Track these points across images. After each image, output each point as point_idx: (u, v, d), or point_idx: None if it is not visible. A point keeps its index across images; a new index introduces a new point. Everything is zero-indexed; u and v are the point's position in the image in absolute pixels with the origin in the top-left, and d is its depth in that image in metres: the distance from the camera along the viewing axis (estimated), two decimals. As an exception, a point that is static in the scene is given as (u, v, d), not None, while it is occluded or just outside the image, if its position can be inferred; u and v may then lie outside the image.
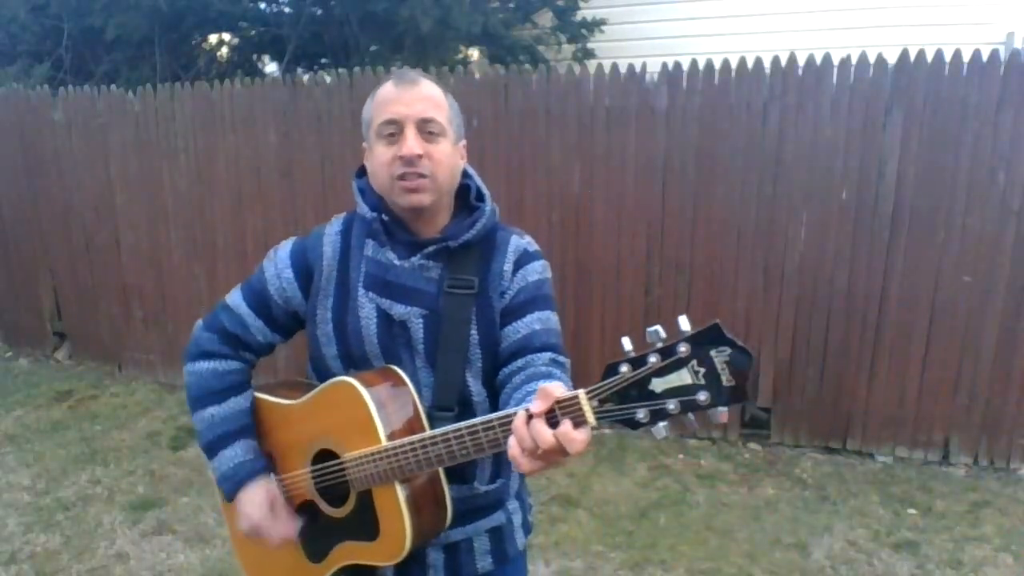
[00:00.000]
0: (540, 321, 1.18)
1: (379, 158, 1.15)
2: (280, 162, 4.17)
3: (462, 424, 1.00)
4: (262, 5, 5.97)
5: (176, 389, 4.57)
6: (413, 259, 1.17)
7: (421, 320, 1.17)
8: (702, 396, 0.81)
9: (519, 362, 1.15)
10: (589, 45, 5.59)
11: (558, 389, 0.88)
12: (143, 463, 3.62)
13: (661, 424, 0.84)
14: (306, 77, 4.29)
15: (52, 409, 4.30)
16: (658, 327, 0.82)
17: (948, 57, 3.17)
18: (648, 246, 3.69)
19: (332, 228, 1.26)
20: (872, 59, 3.25)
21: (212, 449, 1.26)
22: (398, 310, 1.17)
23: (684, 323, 0.81)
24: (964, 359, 3.35)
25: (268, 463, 1.27)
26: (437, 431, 1.03)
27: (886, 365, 3.47)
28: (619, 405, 0.85)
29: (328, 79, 4.03)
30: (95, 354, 4.98)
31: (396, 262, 1.18)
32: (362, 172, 1.26)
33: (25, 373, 4.93)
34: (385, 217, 1.18)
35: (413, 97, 1.13)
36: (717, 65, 3.44)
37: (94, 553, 2.87)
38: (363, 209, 1.20)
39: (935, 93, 3.21)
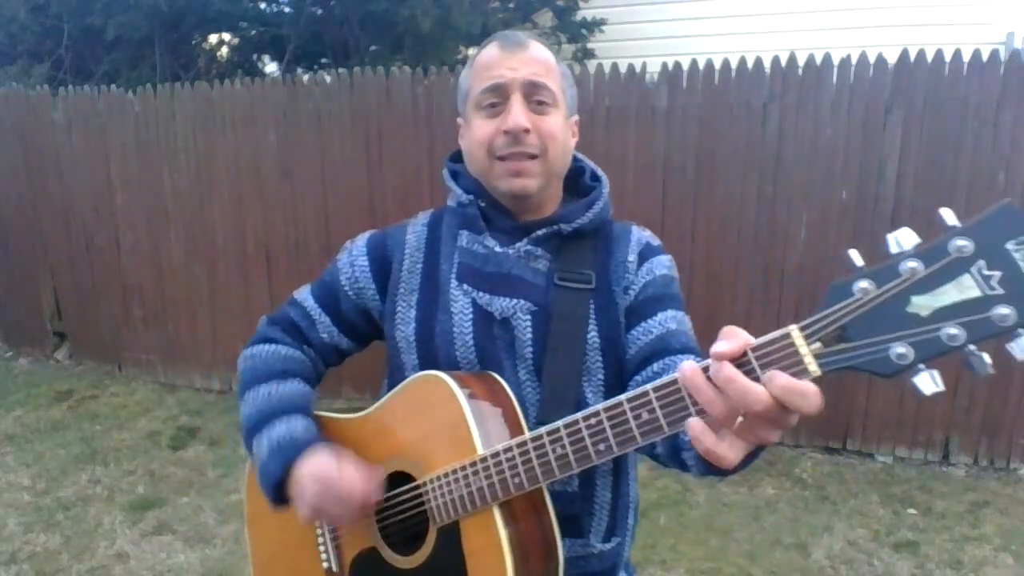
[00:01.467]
0: (676, 320, 0.96)
1: (477, 133, 0.95)
2: (280, 162, 4.17)
3: (597, 406, 0.73)
4: (262, 5, 5.98)
5: (176, 389, 4.57)
6: (519, 245, 0.96)
7: (529, 317, 0.94)
8: (1003, 312, 0.52)
9: (655, 366, 0.91)
10: (589, 45, 5.59)
11: (744, 332, 0.62)
12: (143, 463, 3.62)
13: (928, 370, 0.55)
14: (306, 77, 4.30)
15: (52, 409, 4.30)
16: (904, 230, 0.56)
17: (948, 57, 3.17)
18: (648, 246, 3.68)
19: (418, 220, 1.08)
20: (872, 59, 3.25)
21: (262, 421, 0.97)
22: (500, 305, 0.94)
23: (949, 216, 0.55)
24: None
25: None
26: (559, 422, 0.76)
27: (886, 365, 3.46)
28: (859, 342, 0.56)
29: (328, 79, 4.03)
30: (95, 354, 4.98)
31: (497, 249, 0.97)
32: (456, 157, 1.07)
33: (25, 373, 4.93)
34: (482, 203, 0.98)
35: (521, 60, 0.94)
36: (717, 65, 3.44)
37: (94, 553, 2.87)
38: (456, 193, 1.00)
39: (935, 93, 3.20)
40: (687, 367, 0.63)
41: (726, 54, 3.46)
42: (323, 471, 0.89)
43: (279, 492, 0.95)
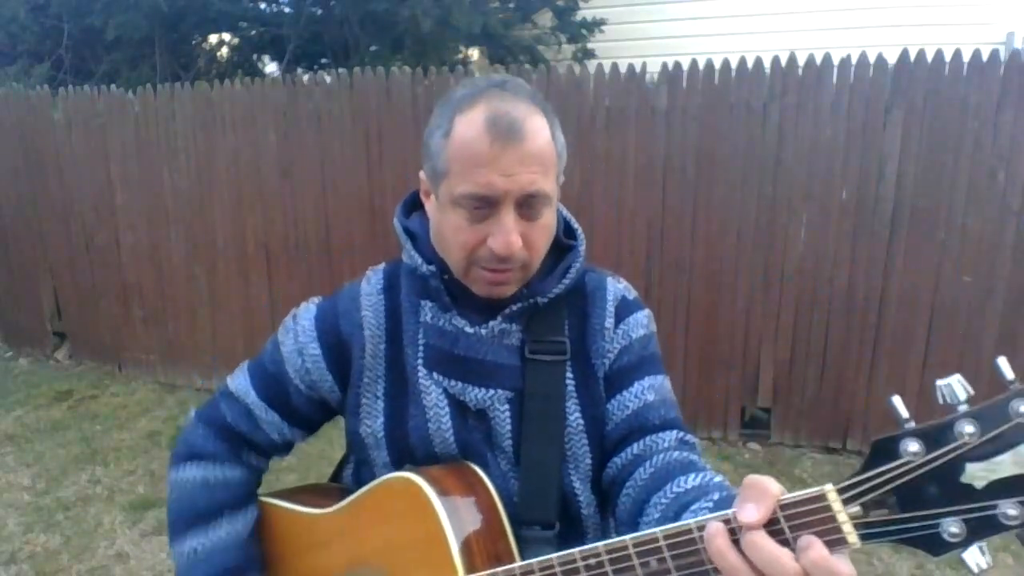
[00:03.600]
0: (653, 389, 0.88)
1: (456, 235, 0.82)
2: (280, 162, 4.17)
3: (597, 545, 0.63)
4: (262, 5, 5.98)
5: (176, 389, 4.57)
6: (492, 323, 0.86)
7: (507, 406, 0.85)
8: None
9: (635, 448, 0.84)
10: (589, 45, 5.59)
11: (773, 484, 0.55)
12: (143, 463, 3.62)
13: (980, 545, 0.50)
14: (306, 77, 4.30)
15: (52, 409, 4.30)
16: (954, 379, 0.52)
17: (948, 57, 3.17)
18: (648, 246, 3.69)
19: (371, 286, 0.93)
20: (872, 59, 3.25)
21: None
22: (475, 395, 0.85)
23: (1007, 368, 0.51)
24: (964, 359, 3.35)
25: None
26: (554, 556, 0.65)
27: (886, 365, 3.47)
28: (902, 513, 0.51)
29: (328, 79, 4.03)
30: (95, 354, 4.98)
31: (468, 329, 0.86)
32: (411, 204, 0.95)
33: (25, 373, 4.93)
34: (447, 276, 0.87)
35: (516, 160, 0.77)
36: (717, 65, 3.44)
37: (94, 553, 2.87)
38: (415, 260, 0.88)
39: (935, 93, 3.20)
40: (712, 529, 0.56)
41: (726, 54, 3.46)
42: None
43: None
